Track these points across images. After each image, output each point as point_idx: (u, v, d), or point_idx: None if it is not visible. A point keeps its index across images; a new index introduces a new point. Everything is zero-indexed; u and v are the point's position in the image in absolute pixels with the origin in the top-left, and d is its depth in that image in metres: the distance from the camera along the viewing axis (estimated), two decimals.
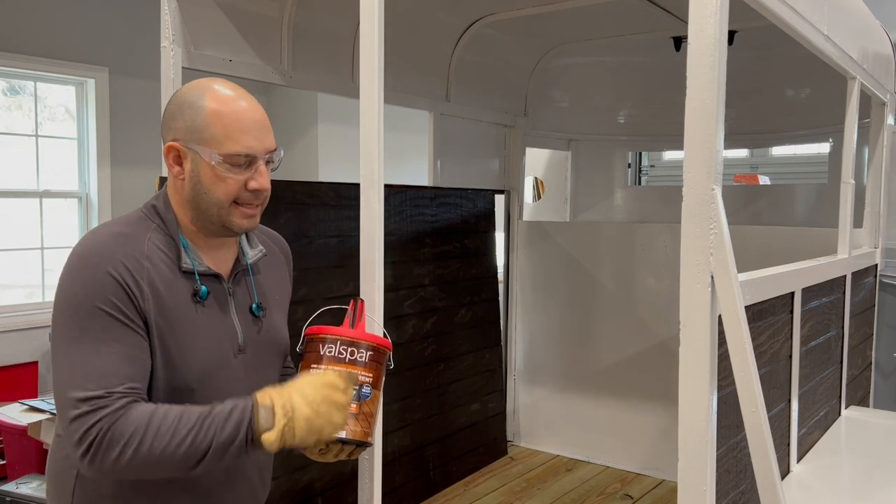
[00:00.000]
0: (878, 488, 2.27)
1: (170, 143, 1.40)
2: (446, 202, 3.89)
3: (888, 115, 3.24)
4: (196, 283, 1.41)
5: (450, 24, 3.81)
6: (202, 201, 1.40)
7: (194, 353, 1.38)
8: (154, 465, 1.26)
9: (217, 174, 1.38)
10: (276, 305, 1.58)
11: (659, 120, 4.54)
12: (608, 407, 4.22)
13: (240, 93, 1.43)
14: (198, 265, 1.43)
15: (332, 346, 1.49)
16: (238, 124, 1.39)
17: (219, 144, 1.37)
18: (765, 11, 1.76)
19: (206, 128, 1.37)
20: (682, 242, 1.50)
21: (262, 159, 1.42)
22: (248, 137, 1.39)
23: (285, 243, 1.72)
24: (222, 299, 1.46)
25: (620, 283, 4.19)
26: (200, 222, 1.43)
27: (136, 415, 1.26)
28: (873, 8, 3.02)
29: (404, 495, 3.54)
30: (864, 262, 3.11)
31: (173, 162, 1.41)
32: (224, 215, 1.41)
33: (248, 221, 1.44)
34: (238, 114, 1.39)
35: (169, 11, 2.49)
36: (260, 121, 1.43)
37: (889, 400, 3.78)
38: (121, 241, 1.36)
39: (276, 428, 1.30)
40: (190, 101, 1.40)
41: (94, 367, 1.27)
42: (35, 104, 4.94)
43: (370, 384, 1.49)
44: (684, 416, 1.51)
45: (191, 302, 1.40)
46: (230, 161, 1.38)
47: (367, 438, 1.46)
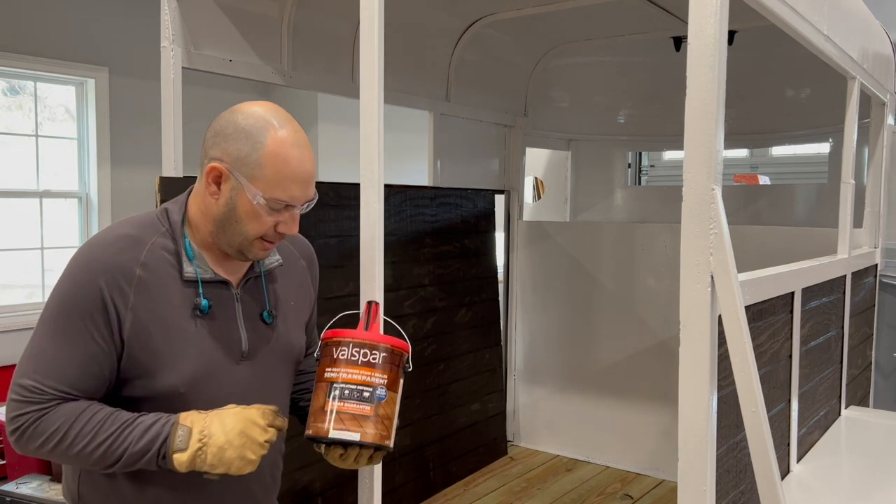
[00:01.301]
0: (878, 488, 2.27)
1: (215, 164, 1.39)
2: (446, 202, 3.89)
3: (888, 115, 3.24)
4: (198, 295, 1.42)
5: (450, 24, 3.81)
6: (229, 227, 1.42)
7: (184, 360, 1.39)
8: (71, 459, 1.36)
9: (254, 211, 1.39)
10: (291, 312, 1.58)
11: (659, 120, 4.54)
12: (608, 407, 4.22)
13: (299, 138, 1.42)
14: (202, 273, 1.43)
15: (346, 348, 1.49)
16: (291, 174, 1.38)
17: (266, 187, 1.37)
18: (765, 11, 1.76)
19: (259, 166, 1.37)
20: (682, 242, 1.50)
21: (299, 207, 1.44)
22: (295, 188, 1.40)
23: (309, 247, 1.71)
24: (228, 306, 1.46)
25: (620, 283, 4.19)
26: (219, 241, 1.44)
27: (62, 413, 1.33)
28: (873, 8, 3.02)
29: (404, 495, 3.54)
30: (864, 262, 3.11)
31: (212, 181, 1.40)
32: (245, 245, 1.43)
33: (265, 253, 1.46)
34: (294, 163, 1.39)
35: (169, 11, 2.49)
36: (310, 172, 1.43)
37: (889, 400, 3.78)
38: (121, 246, 1.38)
39: (189, 451, 1.33)
40: (249, 132, 1.38)
41: (46, 363, 1.35)
42: (35, 104, 4.94)
43: (385, 386, 1.48)
44: (684, 416, 1.51)
45: (189, 311, 1.41)
46: (272, 205, 1.39)
47: (383, 441, 1.45)
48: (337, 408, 1.44)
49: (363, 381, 1.46)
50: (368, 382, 1.46)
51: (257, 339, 1.49)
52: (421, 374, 3.65)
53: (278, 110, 1.43)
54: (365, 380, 1.46)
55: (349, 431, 1.43)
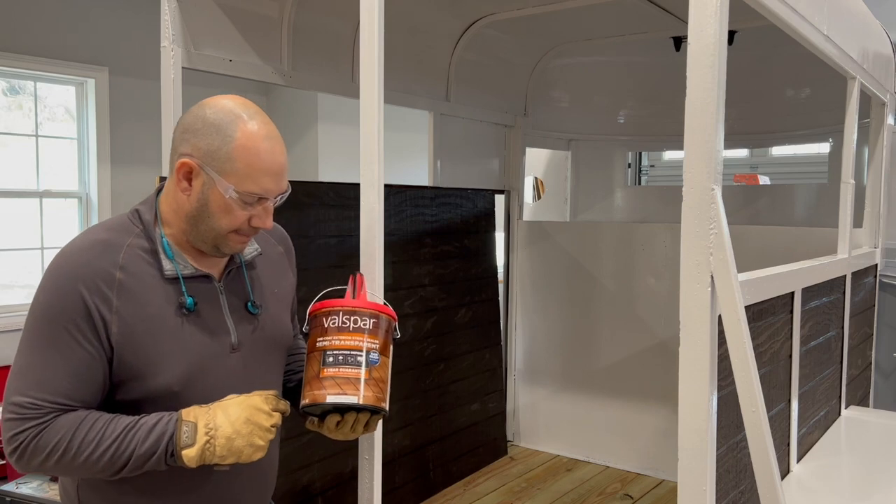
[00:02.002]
0: (878, 488, 2.27)
1: (185, 160, 1.37)
2: (446, 202, 3.89)
3: (888, 115, 3.24)
4: (182, 292, 1.40)
5: (450, 24, 3.81)
6: (202, 223, 1.40)
7: (175, 358, 1.37)
8: (76, 469, 1.33)
9: (226, 205, 1.38)
10: (274, 300, 1.58)
11: (659, 120, 4.54)
12: (608, 407, 4.22)
13: (269, 130, 1.41)
14: (182, 269, 1.42)
15: (336, 316, 1.50)
16: (262, 166, 1.38)
17: (238, 181, 1.37)
18: (765, 11, 1.76)
19: (230, 160, 1.36)
20: (682, 242, 1.50)
21: (272, 200, 1.43)
22: (268, 180, 1.39)
23: (284, 233, 1.71)
24: (213, 300, 1.45)
25: (620, 283, 4.19)
26: (193, 238, 1.43)
27: (62, 424, 1.31)
28: (873, 8, 3.02)
29: (404, 495, 3.54)
30: (864, 262, 3.11)
31: (183, 177, 1.39)
32: (220, 240, 1.42)
33: (240, 246, 1.46)
34: (265, 155, 1.38)
35: (169, 11, 2.49)
36: (282, 164, 1.42)
37: (889, 400, 3.78)
38: (98, 251, 1.36)
39: (197, 445, 1.33)
40: (218, 125, 1.37)
41: (36, 377, 1.31)
42: (35, 104, 4.94)
43: (377, 350, 1.49)
44: (684, 416, 1.51)
45: (175, 309, 1.39)
46: (244, 198, 1.38)
47: (379, 404, 1.46)
48: (332, 373, 1.45)
49: (355, 345, 1.47)
50: (360, 347, 1.48)
51: (245, 329, 1.49)
52: (421, 374, 3.65)
53: (247, 103, 1.42)
54: (357, 344, 1.48)
55: (346, 395, 1.44)
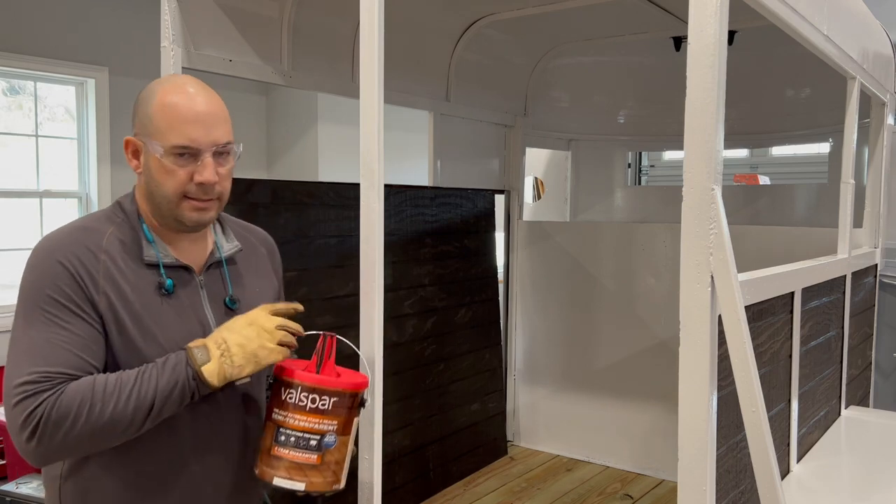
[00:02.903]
0: (878, 488, 2.27)
1: (127, 137, 1.42)
2: (446, 202, 3.89)
3: (888, 115, 3.24)
4: (161, 275, 1.41)
5: (450, 24, 3.81)
6: (155, 194, 1.41)
7: (159, 342, 1.38)
8: (105, 428, 1.28)
9: (164, 167, 1.38)
10: (255, 298, 1.55)
11: (659, 120, 4.54)
12: (608, 407, 4.22)
13: (195, 87, 1.42)
14: (163, 257, 1.43)
15: (294, 391, 1.42)
16: (180, 116, 1.37)
17: (162, 136, 1.37)
18: (765, 11, 1.76)
19: (152, 120, 1.38)
20: (682, 242, 1.50)
21: (207, 152, 1.39)
22: (190, 129, 1.37)
23: (267, 236, 1.72)
24: (192, 291, 1.46)
25: (620, 283, 4.19)
26: (158, 216, 1.44)
27: (75, 388, 1.28)
28: (873, 8, 3.02)
29: (404, 495, 3.54)
30: (864, 262, 3.11)
31: (132, 156, 1.43)
32: (174, 208, 1.41)
33: (198, 214, 1.42)
34: (182, 105, 1.38)
35: (169, 11, 2.49)
36: (207, 112, 1.40)
37: (889, 400, 3.78)
38: (78, 235, 1.39)
39: (214, 359, 1.34)
40: (146, 95, 1.41)
41: (38, 353, 1.29)
42: (35, 104, 4.94)
43: (335, 432, 1.41)
44: (684, 416, 1.51)
45: (155, 294, 1.40)
46: (173, 152, 1.37)
47: (330, 487, 1.42)
48: (283, 454, 1.40)
49: (311, 428, 1.40)
50: (316, 430, 1.40)
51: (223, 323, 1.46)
52: (421, 374, 3.65)
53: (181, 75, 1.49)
54: (313, 427, 1.40)
55: (293, 481, 1.40)
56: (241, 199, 2.77)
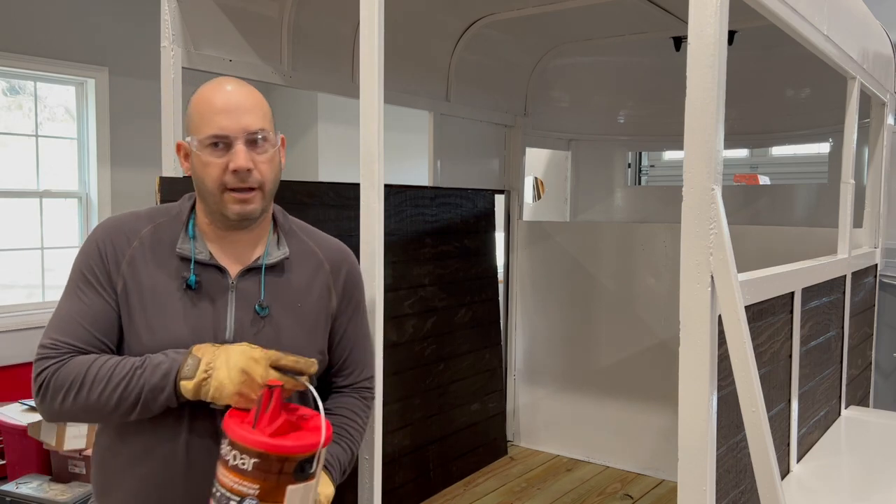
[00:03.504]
0: (878, 488, 2.27)
1: (178, 142, 1.47)
2: (446, 202, 3.89)
3: (888, 115, 3.24)
4: (189, 270, 1.44)
5: (450, 24, 3.81)
6: (202, 192, 1.45)
7: (163, 331, 1.41)
8: (93, 408, 1.37)
9: (202, 161, 1.40)
10: (296, 313, 1.51)
11: (659, 120, 4.54)
12: (608, 407, 4.22)
13: (232, 84, 1.45)
14: (198, 254, 1.45)
15: (224, 442, 1.30)
16: (212, 108, 1.39)
17: (196, 130, 1.41)
18: (765, 11, 1.76)
19: (189, 119, 1.44)
20: (682, 242, 1.50)
21: (239, 139, 1.39)
22: (221, 118, 1.39)
23: (341, 252, 1.62)
24: (221, 291, 1.46)
25: (620, 283, 4.19)
26: (209, 214, 1.48)
27: (74, 364, 1.37)
28: (873, 8, 3.02)
29: (404, 495, 3.54)
30: (864, 262, 3.11)
31: (183, 159, 1.47)
32: (218, 202, 1.42)
33: (240, 207, 1.42)
34: (215, 98, 1.41)
35: (169, 11, 2.49)
36: (237, 102, 1.41)
37: (889, 400, 3.78)
38: (126, 220, 1.48)
39: (195, 380, 1.36)
40: (189, 104, 1.47)
41: (58, 322, 1.41)
42: (35, 104, 4.94)
43: (256, 497, 1.25)
44: (684, 416, 1.51)
45: (176, 286, 1.43)
46: (206, 143, 1.40)
47: None
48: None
49: (230, 486, 1.28)
50: (235, 490, 1.27)
51: (247, 331, 1.46)
52: (421, 374, 3.65)
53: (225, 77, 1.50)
54: (232, 486, 1.27)
55: None
56: None
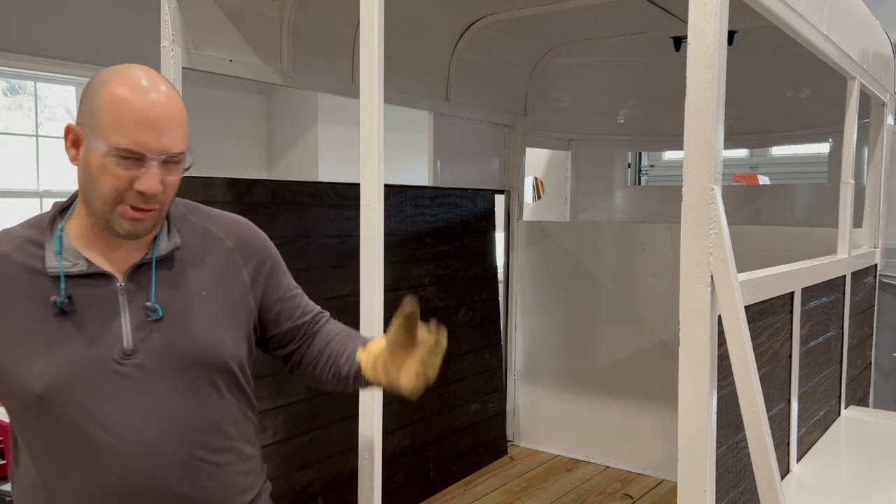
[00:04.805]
0: (878, 488, 2.27)
1: (69, 124, 1.28)
2: (446, 202, 3.89)
3: (888, 115, 3.24)
4: (59, 292, 1.28)
5: (450, 24, 3.81)
6: (90, 192, 1.28)
7: (41, 360, 1.26)
8: None
9: (102, 166, 1.24)
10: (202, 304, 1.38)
11: (659, 120, 4.54)
12: (608, 407, 4.22)
13: (153, 83, 1.28)
14: (70, 266, 1.29)
15: None
16: (131, 117, 1.23)
17: (106, 133, 1.23)
18: (765, 11, 1.76)
19: (98, 114, 1.24)
20: (682, 242, 1.50)
21: (154, 159, 1.25)
22: (140, 132, 1.23)
23: (240, 226, 1.51)
24: (106, 300, 1.31)
25: (620, 283, 4.19)
26: (92, 217, 1.31)
27: None
28: (873, 8, 3.02)
29: (404, 495, 3.54)
30: (864, 262, 3.11)
31: (70, 144, 1.29)
32: (108, 212, 1.27)
33: (131, 225, 1.28)
34: (134, 103, 1.24)
35: (169, 11, 2.49)
36: (162, 116, 1.26)
37: (889, 400, 3.78)
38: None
39: None
40: (97, 83, 1.28)
41: None
42: (35, 104, 4.94)
43: None
44: (684, 416, 1.51)
45: (48, 308, 1.27)
46: (116, 154, 1.23)
47: None
48: None
49: None
50: None
51: (149, 334, 1.32)
52: None
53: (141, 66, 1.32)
54: None
55: None
56: (241, 199, 2.77)
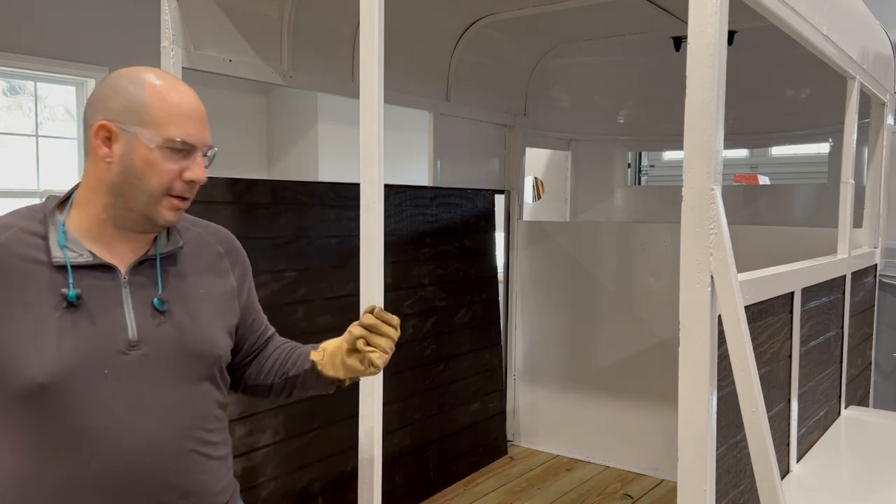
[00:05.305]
0: (878, 488, 2.27)
1: (102, 122, 1.32)
2: (446, 202, 3.89)
3: (888, 115, 3.24)
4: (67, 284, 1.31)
5: (450, 24, 3.81)
6: (130, 188, 1.33)
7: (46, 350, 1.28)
8: None
9: (152, 161, 1.32)
10: (199, 303, 1.44)
11: (659, 120, 4.54)
12: (608, 407, 4.22)
13: (180, 81, 1.41)
14: (75, 258, 1.33)
15: None
16: (179, 109, 1.34)
17: (160, 127, 1.31)
18: (765, 11, 1.76)
19: (146, 109, 1.31)
20: (682, 242, 1.51)
21: (200, 151, 1.37)
22: (189, 124, 1.34)
23: (227, 234, 1.61)
24: (110, 292, 1.34)
25: (620, 283, 4.19)
26: (119, 212, 1.36)
27: None
28: (873, 8, 3.02)
29: (404, 495, 3.54)
30: (864, 262, 3.11)
31: (102, 143, 1.33)
32: (152, 205, 1.34)
33: (173, 215, 1.37)
34: (180, 98, 1.35)
35: (169, 11, 2.49)
36: (202, 111, 1.38)
37: (889, 400, 3.78)
38: None
39: None
40: (126, 84, 1.34)
41: None
42: (35, 104, 4.94)
43: None
44: (684, 416, 1.51)
45: (57, 300, 1.30)
46: (170, 146, 1.32)
47: None
48: None
49: None
50: None
51: (152, 327, 1.36)
52: (421, 374, 3.65)
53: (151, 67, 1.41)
54: None
55: None
56: (241, 199, 2.77)
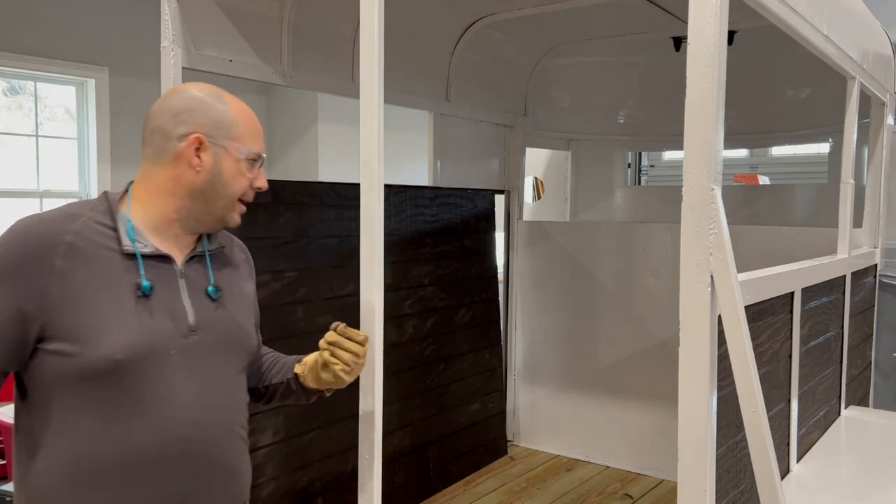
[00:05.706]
0: (878, 488, 2.27)
1: (197, 135, 1.45)
2: (446, 202, 3.89)
3: (888, 115, 3.24)
4: (139, 273, 1.41)
5: (450, 24, 3.81)
6: (213, 195, 1.48)
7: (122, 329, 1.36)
8: None
9: (238, 170, 1.50)
10: (236, 298, 1.59)
11: (659, 120, 4.54)
12: (608, 407, 4.22)
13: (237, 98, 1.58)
14: (142, 247, 1.43)
15: None
16: (256, 126, 1.54)
17: (246, 142, 1.51)
18: (765, 11, 1.76)
19: (235, 125, 1.49)
20: (682, 242, 1.51)
21: (263, 162, 1.57)
22: (261, 140, 1.56)
23: (243, 244, 1.76)
24: (170, 281, 1.46)
25: (620, 283, 4.19)
26: (194, 214, 1.49)
27: None
28: (873, 8, 3.02)
29: (404, 495, 3.54)
30: (864, 262, 3.11)
31: (195, 153, 1.46)
32: (228, 209, 1.51)
33: (239, 218, 1.55)
34: (254, 117, 1.56)
35: (169, 11, 2.49)
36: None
37: (889, 400, 3.78)
38: (53, 217, 1.41)
39: None
40: (211, 101, 1.49)
41: None
42: (35, 104, 4.94)
43: None
44: (684, 416, 1.51)
45: (130, 288, 1.39)
46: (251, 158, 1.51)
47: None
48: None
49: None
50: None
51: (205, 314, 1.49)
52: (421, 374, 3.65)
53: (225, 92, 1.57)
54: None
55: None
56: None
